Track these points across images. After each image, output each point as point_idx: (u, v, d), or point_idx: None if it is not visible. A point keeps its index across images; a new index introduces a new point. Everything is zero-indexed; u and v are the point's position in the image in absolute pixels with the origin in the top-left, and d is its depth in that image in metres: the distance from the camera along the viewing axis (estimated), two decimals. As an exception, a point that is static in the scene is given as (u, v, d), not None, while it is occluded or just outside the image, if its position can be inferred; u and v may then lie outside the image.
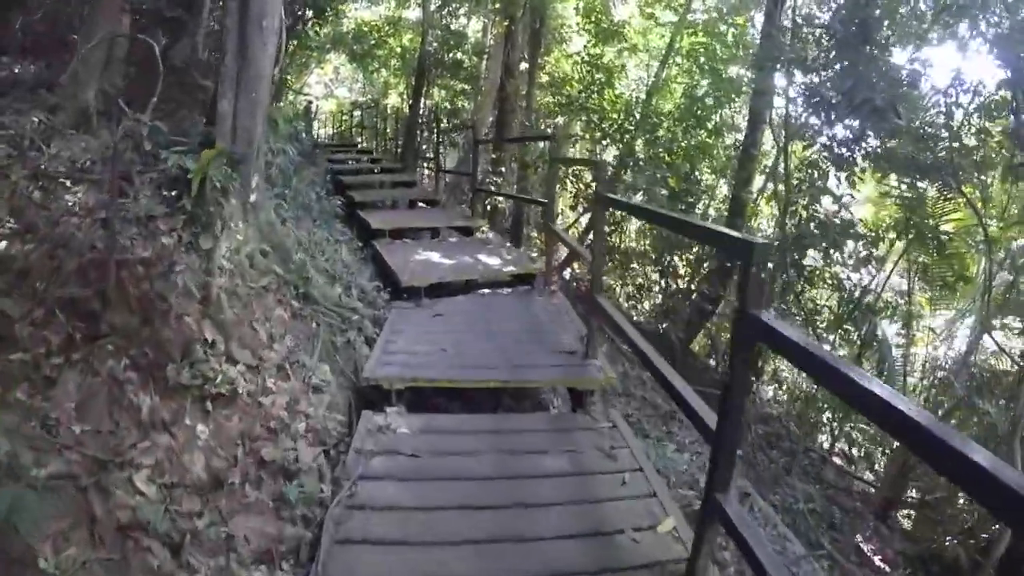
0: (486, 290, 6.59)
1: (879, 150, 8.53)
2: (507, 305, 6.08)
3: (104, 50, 6.29)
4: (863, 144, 8.35)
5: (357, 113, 20.09)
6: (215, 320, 4.05)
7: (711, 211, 12.07)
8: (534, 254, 11.70)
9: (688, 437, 6.77)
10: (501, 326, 5.45)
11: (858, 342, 10.26)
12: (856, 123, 8.08)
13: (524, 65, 15.84)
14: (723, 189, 13.77)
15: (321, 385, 4.30)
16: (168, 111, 7.28)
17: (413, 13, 19.45)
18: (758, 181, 13.01)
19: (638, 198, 11.49)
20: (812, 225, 7.72)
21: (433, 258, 7.07)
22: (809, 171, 8.51)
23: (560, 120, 13.07)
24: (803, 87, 9.06)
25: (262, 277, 4.91)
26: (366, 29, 19.45)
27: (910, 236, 10.07)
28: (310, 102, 18.41)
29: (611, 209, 4.95)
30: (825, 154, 8.51)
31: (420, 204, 10.42)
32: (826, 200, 8.39)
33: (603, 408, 4.73)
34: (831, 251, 7.93)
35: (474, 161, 9.03)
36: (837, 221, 7.88)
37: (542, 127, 14.06)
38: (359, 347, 5.29)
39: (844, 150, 8.33)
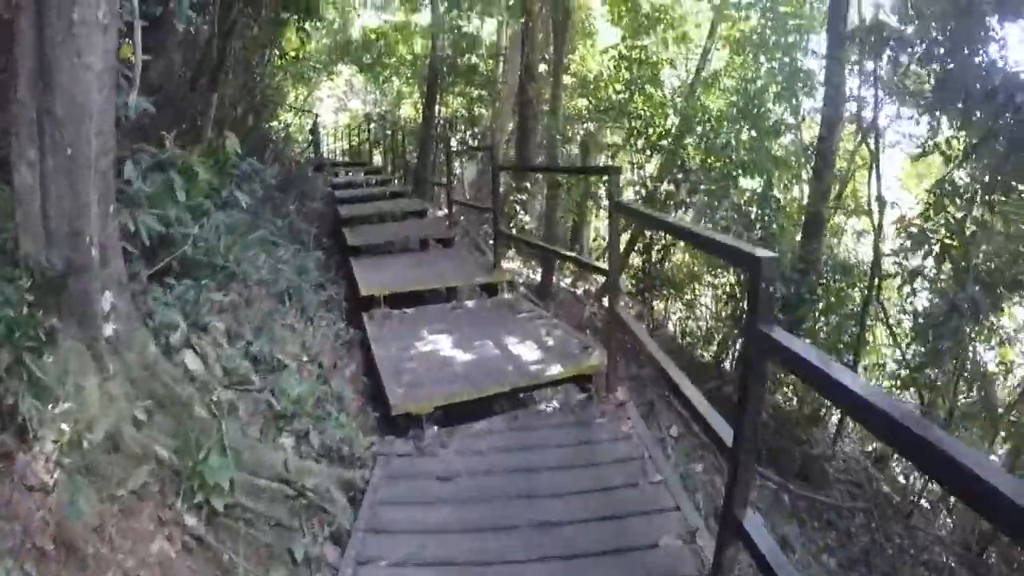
0: (520, 412, 4.09)
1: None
2: (557, 448, 3.54)
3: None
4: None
5: (372, 126, 17.67)
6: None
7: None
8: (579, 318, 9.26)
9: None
10: (552, 509, 3.01)
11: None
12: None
13: (544, 67, 13.34)
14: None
15: None
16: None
17: (423, 17, 16.93)
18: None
19: (686, 217, 8.99)
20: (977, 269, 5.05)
21: (443, 348, 4.63)
22: (939, 193, 5.79)
23: (590, 126, 10.48)
24: (915, 75, 6.46)
25: (134, 471, 2.59)
26: (373, 36, 16.95)
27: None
28: (315, 120, 16.05)
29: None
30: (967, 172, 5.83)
31: (433, 242, 7.96)
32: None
33: None
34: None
35: (494, 195, 6.42)
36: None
37: (570, 134, 11.53)
38: (320, 549, 2.93)
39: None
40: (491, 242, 7.17)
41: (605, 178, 5.40)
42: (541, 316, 5.24)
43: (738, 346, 9.70)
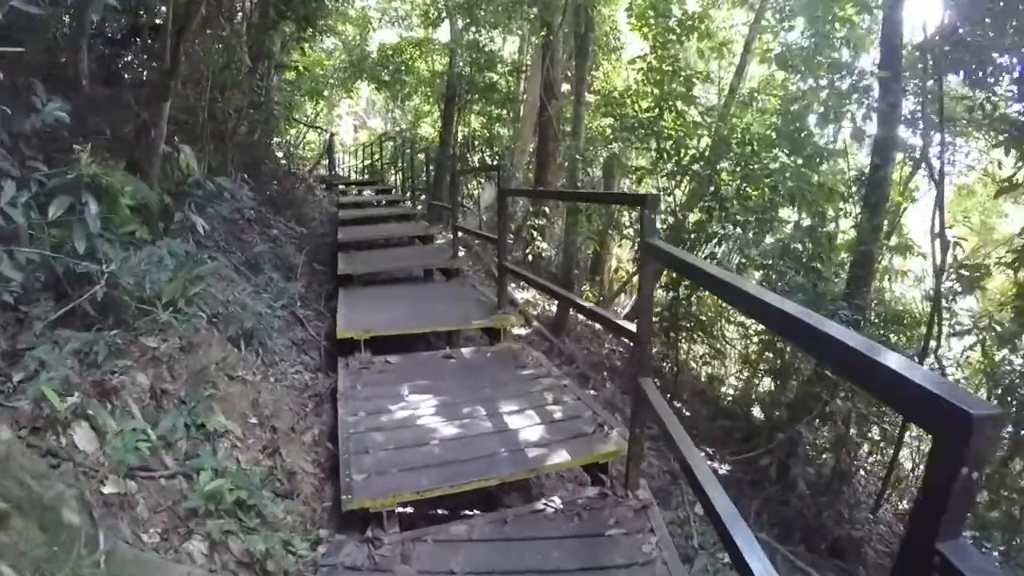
0: (511, 514, 3.05)
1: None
2: (554, 574, 2.63)
3: None
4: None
5: (389, 144, 17.02)
6: None
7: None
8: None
9: None
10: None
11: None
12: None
13: (568, 86, 12.56)
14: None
15: None
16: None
17: (442, 34, 16.34)
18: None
19: (718, 252, 8.00)
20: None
21: (423, 415, 3.74)
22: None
23: (615, 147, 9.60)
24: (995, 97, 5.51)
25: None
26: (390, 52, 16.36)
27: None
28: (330, 137, 15.46)
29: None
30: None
31: (437, 272, 7.15)
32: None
33: None
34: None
35: (500, 223, 5.56)
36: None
37: (592, 156, 10.71)
38: None
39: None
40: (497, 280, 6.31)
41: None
42: (549, 374, 4.33)
43: (767, 381, 8.63)
